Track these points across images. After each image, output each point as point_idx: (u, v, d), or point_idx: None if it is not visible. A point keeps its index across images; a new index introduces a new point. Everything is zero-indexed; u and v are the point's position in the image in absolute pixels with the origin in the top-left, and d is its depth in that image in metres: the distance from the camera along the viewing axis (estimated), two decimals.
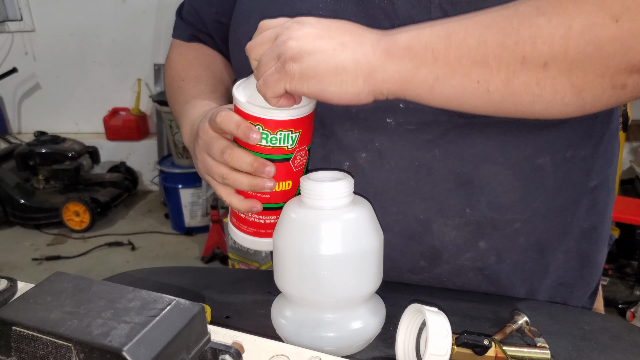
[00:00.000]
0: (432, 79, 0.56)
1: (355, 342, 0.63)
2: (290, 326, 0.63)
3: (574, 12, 0.51)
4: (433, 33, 0.56)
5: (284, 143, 0.65)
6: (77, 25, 3.81)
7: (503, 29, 0.53)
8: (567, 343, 0.66)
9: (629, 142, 3.11)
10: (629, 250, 2.50)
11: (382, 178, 0.72)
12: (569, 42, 0.52)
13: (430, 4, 0.64)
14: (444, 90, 0.57)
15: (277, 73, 0.59)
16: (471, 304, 0.74)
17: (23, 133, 4.15)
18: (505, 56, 0.53)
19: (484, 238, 0.73)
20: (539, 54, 0.53)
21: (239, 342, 0.53)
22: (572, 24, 0.51)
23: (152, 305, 0.45)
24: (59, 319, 0.43)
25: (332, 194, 0.61)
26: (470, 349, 0.59)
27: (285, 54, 0.58)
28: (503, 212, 0.72)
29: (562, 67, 0.53)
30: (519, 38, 0.53)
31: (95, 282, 0.48)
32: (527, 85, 0.54)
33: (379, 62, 0.57)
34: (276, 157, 0.66)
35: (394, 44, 0.57)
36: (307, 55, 0.57)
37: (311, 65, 0.57)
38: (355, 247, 0.60)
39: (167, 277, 0.84)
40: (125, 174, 3.78)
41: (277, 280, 0.65)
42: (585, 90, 0.54)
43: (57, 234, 3.39)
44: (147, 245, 3.24)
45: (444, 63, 0.55)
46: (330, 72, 0.57)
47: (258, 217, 0.70)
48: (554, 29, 0.52)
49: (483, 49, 0.54)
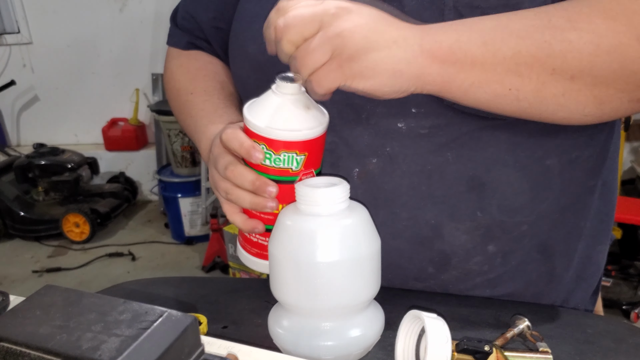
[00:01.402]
0: (468, 84, 0.59)
1: (354, 351, 0.62)
2: (287, 336, 0.62)
3: (603, 30, 0.55)
4: (471, 39, 0.58)
5: (288, 165, 0.64)
6: (75, 36, 3.81)
7: (536, 41, 0.56)
8: (570, 347, 0.65)
9: (630, 142, 3.10)
10: (631, 251, 2.49)
11: (394, 183, 0.71)
12: (597, 59, 0.55)
13: (444, 6, 0.64)
14: (477, 95, 0.59)
15: (335, 71, 0.58)
16: (471, 309, 0.73)
17: (22, 145, 4.14)
18: (537, 67, 0.57)
19: (493, 241, 0.73)
20: (568, 67, 0.56)
21: (234, 353, 0.52)
22: (600, 42, 0.55)
23: (144, 318, 0.44)
24: (47, 333, 0.42)
25: (327, 200, 0.60)
26: (471, 355, 0.59)
27: (343, 52, 0.57)
28: (512, 215, 0.71)
29: (587, 81, 0.57)
30: (551, 51, 0.56)
31: (85, 295, 0.47)
32: (554, 95, 0.58)
33: (426, 65, 0.58)
34: (280, 179, 0.65)
35: (439, 47, 0.58)
36: (365, 54, 0.57)
37: (370, 66, 0.57)
38: (353, 253, 0.59)
39: (164, 288, 0.83)
40: (125, 184, 3.77)
41: (273, 289, 0.64)
42: (605, 102, 0.58)
43: (58, 246, 3.38)
44: (147, 255, 3.22)
45: (480, 70, 0.58)
46: (388, 73, 0.58)
47: (262, 239, 0.69)
48: (584, 45, 0.55)
49: (517, 59, 0.57)
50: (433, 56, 0.58)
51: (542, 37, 0.56)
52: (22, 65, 3.96)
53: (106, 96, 3.93)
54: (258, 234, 0.69)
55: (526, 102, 0.59)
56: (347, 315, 0.62)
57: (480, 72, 0.58)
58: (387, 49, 0.57)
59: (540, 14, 0.58)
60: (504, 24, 0.58)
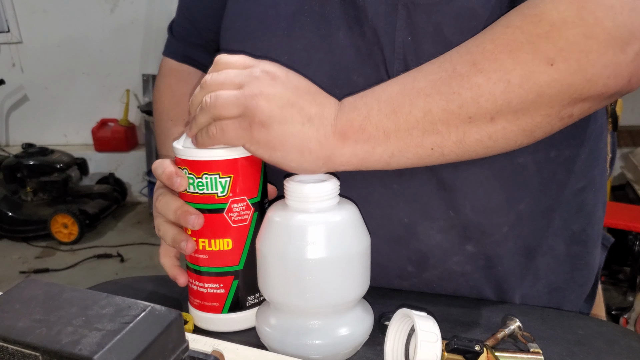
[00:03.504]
0: (388, 156, 0.58)
1: (343, 350, 0.61)
2: (274, 334, 0.61)
3: (510, 64, 0.54)
4: (381, 110, 0.57)
5: (213, 189, 0.61)
6: (65, 36, 3.79)
7: (445, 95, 0.55)
8: (561, 348, 0.64)
9: (620, 147, 3.11)
10: (621, 256, 2.49)
11: (366, 182, 0.71)
12: (511, 95, 0.54)
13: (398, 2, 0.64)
14: (401, 162, 0.59)
15: (241, 130, 0.58)
16: (462, 310, 0.72)
17: (11, 145, 4.11)
18: (453, 120, 0.56)
19: (471, 242, 0.72)
20: (484, 111, 0.55)
21: (220, 350, 0.51)
22: (510, 77, 0.54)
23: (126, 312, 0.43)
24: (26, 327, 0.41)
25: (317, 195, 0.59)
26: (461, 355, 0.58)
27: (255, 116, 0.57)
28: (488, 216, 0.70)
29: (509, 118, 0.55)
30: (462, 101, 0.55)
31: (67, 289, 0.46)
32: (479, 141, 0.57)
33: (337, 146, 0.58)
34: (206, 207, 0.62)
35: (350, 127, 0.58)
36: (277, 124, 0.57)
37: (279, 137, 0.57)
38: (342, 250, 0.58)
39: (151, 285, 0.82)
40: (114, 186, 3.75)
41: (260, 286, 0.63)
42: (535, 130, 0.57)
43: (46, 247, 3.35)
44: (136, 257, 3.20)
45: (396, 139, 0.57)
46: (295, 148, 0.58)
47: (200, 285, 0.65)
48: (493, 85, 0.54)
49: (430, 117, 0.56)
50: (345, 137, 0.58)
51: (449, 89, 0.55)
52: (12, 65, 3.93)
53: (96, 97, 3.92)
54: (192, 278, 0.66)
55: (453, 155, 0.59)
56: (335, 313, 0.61)
57: (396, 141, 0.57)
58: (300, 125, 0.57)
59: (444, 64, 0.57)
60: (409, 85, 0.58)
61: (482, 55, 0.55)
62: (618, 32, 0.53)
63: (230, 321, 0.66)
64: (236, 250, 0.63)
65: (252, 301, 0.66)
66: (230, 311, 0.65)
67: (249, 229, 0.63)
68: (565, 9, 0.54)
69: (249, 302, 0.66)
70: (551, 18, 0.54)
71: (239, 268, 0.64)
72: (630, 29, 0.54)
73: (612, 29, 0.53)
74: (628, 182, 3.01)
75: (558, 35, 0.53)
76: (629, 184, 3.01)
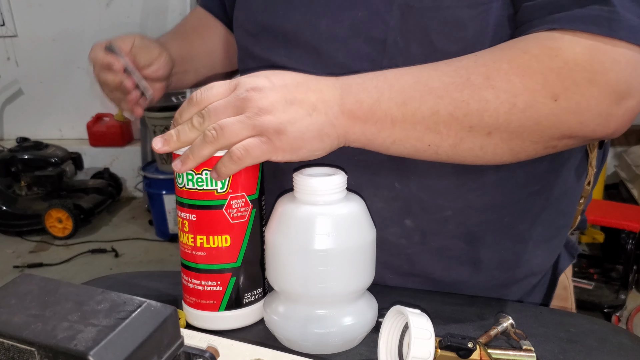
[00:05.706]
0: (390, 142, 0.62)
1: (347, 338, 0.63)
2: (282, 322, 0.63)
3: (520, 89, 0.58)
4: (392, 98, 0.60)
5: (212, 185, 0.61)
6: (60, 30, 3.77)
7: (455, 100, 0.58)
8: (554, 345, 0.65)
9: (613, 147, 3.12)
10: (613, 255, 2.51)
11: None
12: (512, 117, 0.58)
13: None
14: (399, 150, 0.63)
15: (264, 145, 0.58)
16: (455, 307, 0.73)
17: (5, 139, 4.09)
18: (455, 125, 0.59)
19: (411, 217, 0.74)
20: (485, 125, 0.59)
21: (214, 345, 0.51)
22: (516, 101, 0.58)
23: (122, 308, 0.43)
24: (22, 322, 0.41)
25: (325, 188, 0.61)
26: (454, 352, 0.58)
27: (268, 129, 0.58)
28: (433, 195, 0.73)
29: (503, 136, 0.60)
30: (468, 110, 0.58)
31: (63, 284, 0.46)
32: (471, 149, 0.61)
33: (349, 124, 0.60)
34: (206, 203, 0.62)
35: (359, 108, 0.60)
36: (290, 125, 0.58)
37: (297, 136, 0.58)
38: (349, 242, 0.61)
39: (147, 281, 0.82)
40: (109, 180, 3.73)
41: (269, 276, 0.65)
42: (521, 152, 0.62)
43: (40, 241, 3.34)
44: (130, 252, 3.20)
45: (400, 129, 0.60)
46: (315, 139, 0.59)
47: (196, 282, 0.65)
48: (500, 104, 0.58)
49: (435, 118, 0.59)
50: (354, 117, 0.60)
51: (460, 96, 0.58)
52: (7, 59, 3.91)
53: (91, 91, 3.89)
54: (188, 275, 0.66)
55: (445, 155, 0.62)
56: (341, 303, 0.63)
57: (400, 130, 0.60)
58: (309, 117, 0.59)
59: (460, 70, 0.60)
60: (423, 82, 0.60)
61: (496, 72, 0.58)
62: (618, 86, 0.57)
63: (227, 319, 0.66)
64: (234, 247, 0.64)
65: (250, 298, 0.66)
66: (227, 309, 0.66)
67: (247, 225, 0.64)
68: (580, 51, 0.57)
69: (246, 300, 0.66)
70: (566, 56, 0.57)
71: (236, 265, 0.64)
72: (628, 86, 0.57)
73: (613, 82, 0.57)
74: (621, 180, 3.03)
75: (568, 74, 0.57)
76: (622, 183, 3.02)
